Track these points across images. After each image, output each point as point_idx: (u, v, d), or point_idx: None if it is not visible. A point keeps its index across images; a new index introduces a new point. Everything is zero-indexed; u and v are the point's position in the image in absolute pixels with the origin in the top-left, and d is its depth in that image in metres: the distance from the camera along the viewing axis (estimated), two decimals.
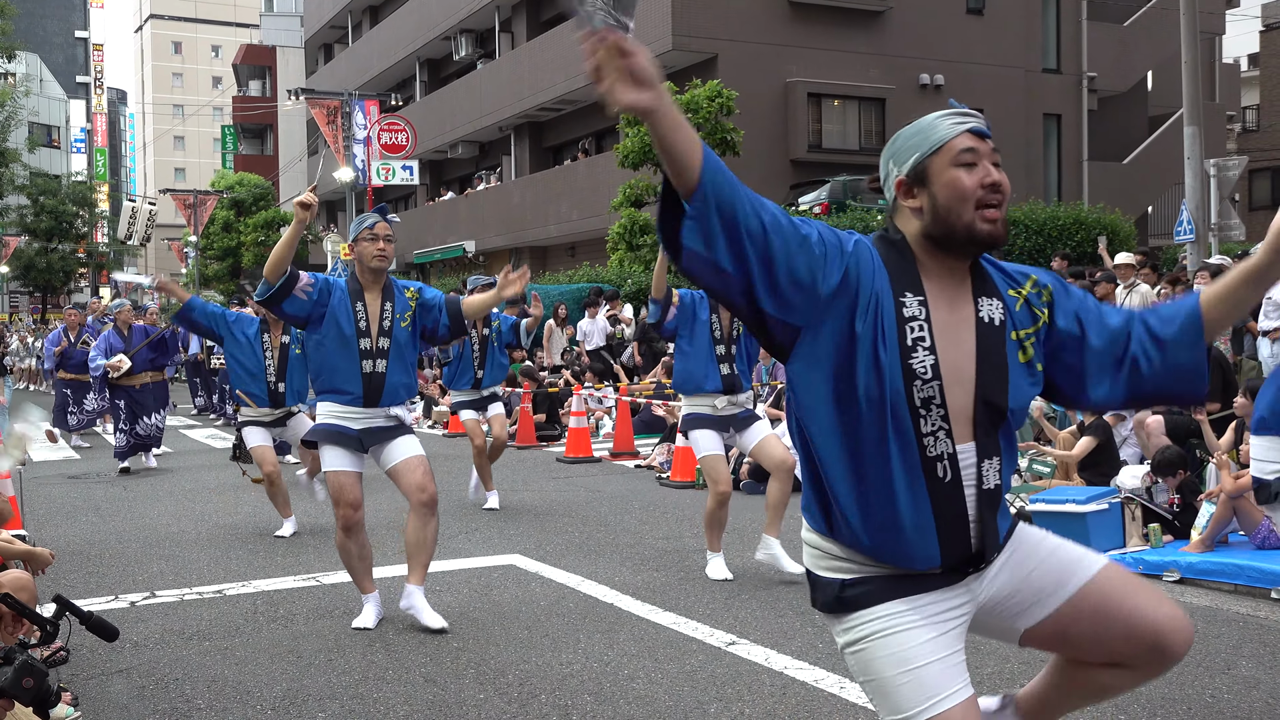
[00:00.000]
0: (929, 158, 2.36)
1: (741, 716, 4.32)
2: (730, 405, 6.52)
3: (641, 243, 21.51)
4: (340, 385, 5.46)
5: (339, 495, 5.45)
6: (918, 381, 2.29)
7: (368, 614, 5.66)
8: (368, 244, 5.47)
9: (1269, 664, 4.97)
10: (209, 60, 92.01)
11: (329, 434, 5.47)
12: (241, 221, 46.45)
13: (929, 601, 2.41)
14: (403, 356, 5.55)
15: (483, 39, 35.02)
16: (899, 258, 2.37)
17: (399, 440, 5.52)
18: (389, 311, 5.53)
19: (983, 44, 26.84)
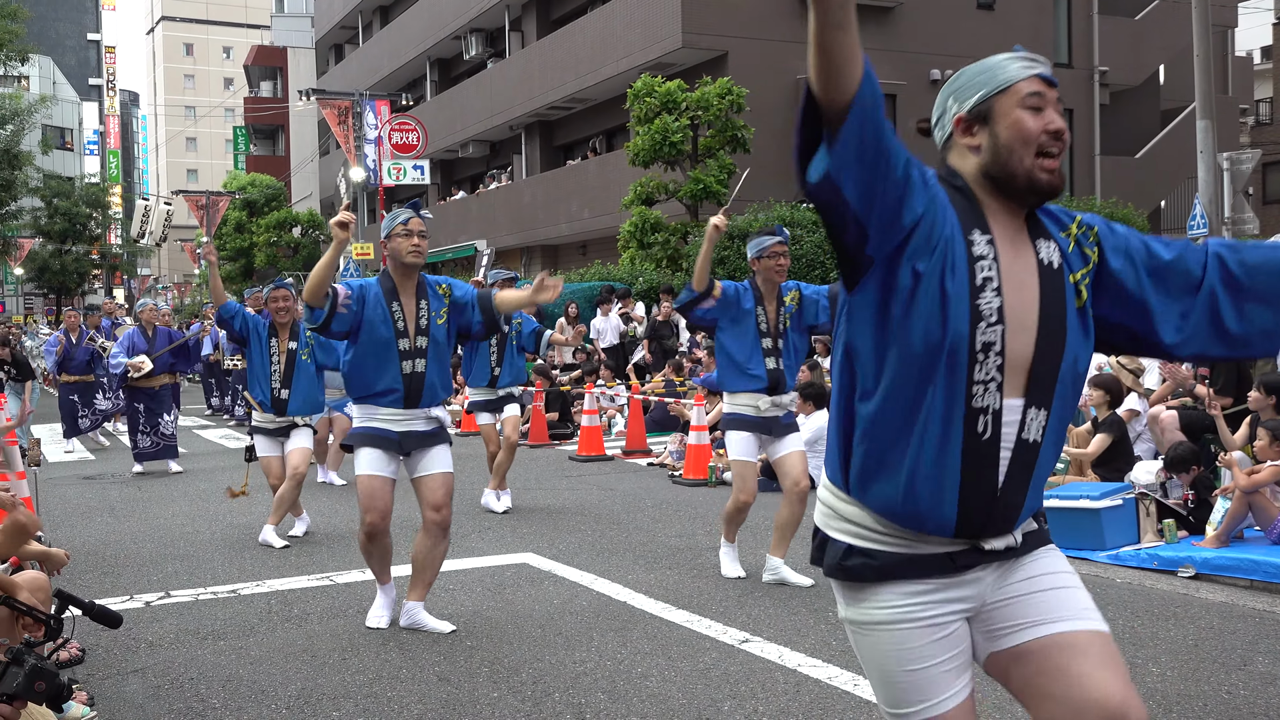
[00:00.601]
0: (995, 96, 2.30)
1: (755, 714, 4.31)
2: (774, 406, 6.31)
3: (652, 240, 21.51)
4: (380, 387, 5.34)
5: (369, 501, 5.35)
6: (982, 324, 2.17)
7: (378, 607, 5.66)
8: (402, 240, 5.34)
9: None
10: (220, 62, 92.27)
11: (368, 436, 5.36)
12: (254, 222, 46.56)
13: (935, 594, 2.29)
14: (441, 355, 5.45)
15: (493, 38, 35.03)
16: (963, 196, 2.29)
17: (435, 451, 5.42)
18: (425, 310, 5.42)
19: (993, 38, 26.72)
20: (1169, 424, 8.79)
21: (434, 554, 5.46)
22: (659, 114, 20.93)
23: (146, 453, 12.14)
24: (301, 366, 8.06)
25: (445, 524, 5.40)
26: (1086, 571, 6.78)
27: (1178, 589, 6.33)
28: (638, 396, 13.82)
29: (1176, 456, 7.65)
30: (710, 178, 20.92)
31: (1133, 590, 6.32)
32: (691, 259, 19.54)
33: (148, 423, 12.10)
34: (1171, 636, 5.35)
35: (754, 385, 6.26)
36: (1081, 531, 7.16)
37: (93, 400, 14.70)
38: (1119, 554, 6.99)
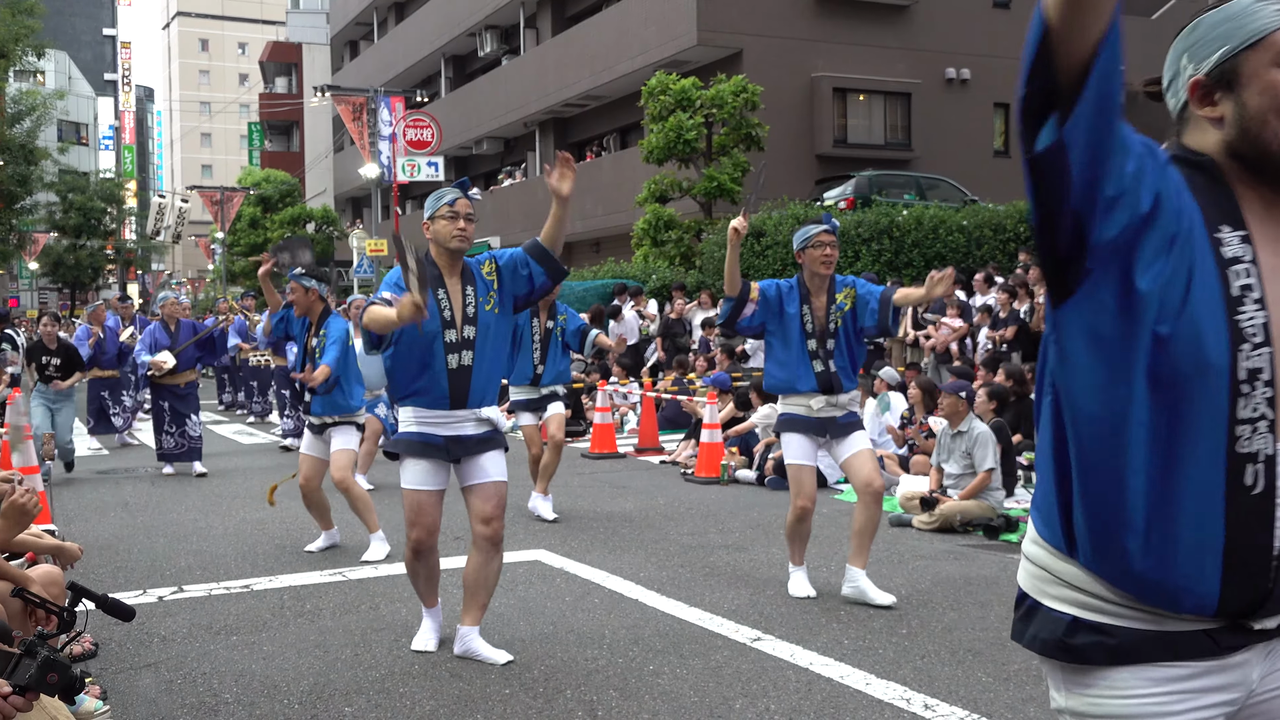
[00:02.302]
0: (1242, 52, 1.76)
1: (766, 712, 4.31)
2: (828, 406, 5.91)
3: (665, 238, 21.50)
4: (423, 386, 4.85)
5: (415, 516, 4.90)
6: (1245, 345, 1.68)
7: (426, 631, 5.21)
8: (446, 223, 4.86)
9: None
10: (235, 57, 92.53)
11: (412, 445, 4.88)
12: (268, 218, 46.69)
13: (1191, 681, 1.75)
14: (490, 345, 4.91)
15: (507, 35, 35.06)
16: (1209, 182, 1.78)
17: (487, 458, 4.93)
18: (471, 296, 4.90)
19: (1009, 37, 26.67)
20: None
21: (486, 572, 4.97)
22: (673, 111, 20.92)
23: (173, 453, 11.64)
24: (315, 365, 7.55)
25: (497, 538, 4.94)
26: None
27: None
28: (650, 394, 13.82)
29: None
30: (724, 175, 20.90)
31: None
32: (705, 256, 19.52)
33: (173, 422, 11.61)
34: None
35: (802, 389, 5.92)
36: None
37: (121, 398, 14.31)
38: None
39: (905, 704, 4.38)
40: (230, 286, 46.82)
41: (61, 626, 3.24)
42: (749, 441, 11.18)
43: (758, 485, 10.39)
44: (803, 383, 5.90)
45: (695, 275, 19.71)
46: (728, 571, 6.79)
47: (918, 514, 8.25)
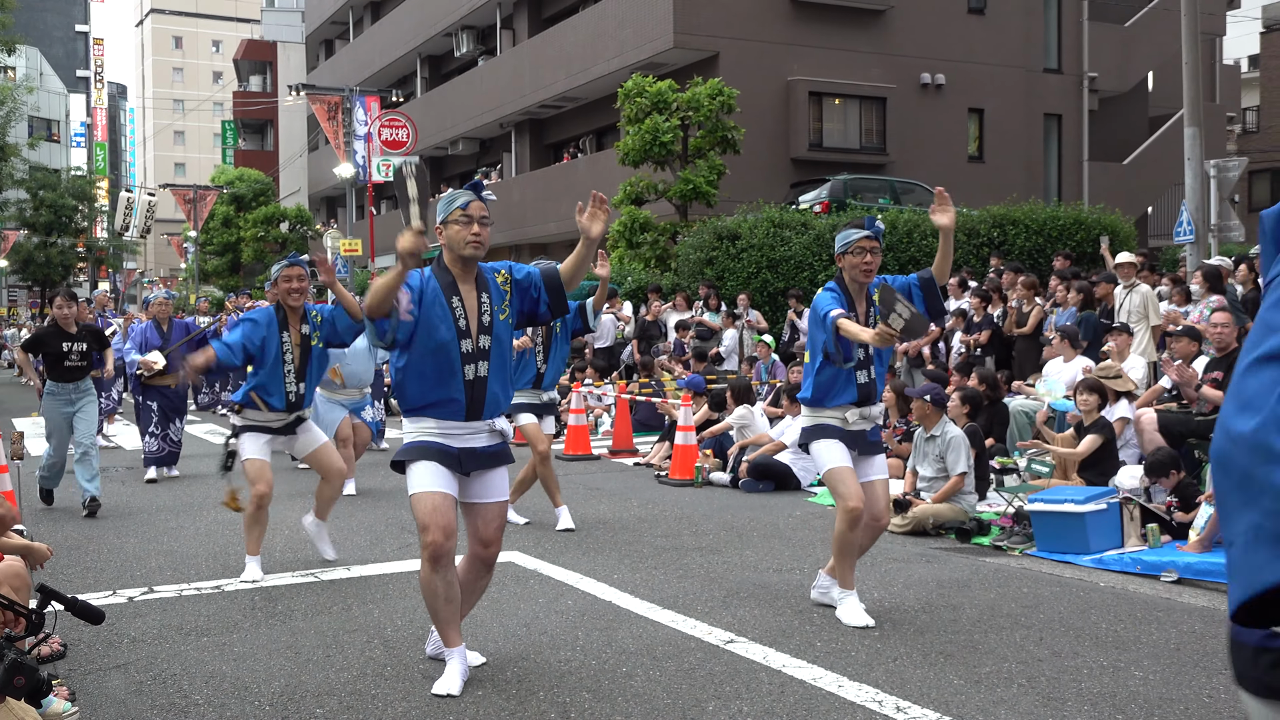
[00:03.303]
0: None
1: (739, 714, 4.32)
2: (861, 420, 5.72)
3: (641, 240, 21.51)
4: (439, 397, 4.59)
5: (429, 518, 4.49)
6: None
7: (452, 674, 4.61)
8: (460, 227, 4.60)
9: None
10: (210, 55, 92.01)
11: (426, 449, 4.58)
12: (241, 217, 46.44)
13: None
14: (504, 356, 4.74)
15: (484, 35, 35.00)
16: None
17: (494, 475, 4.72)
18: (487, 304, 4.67)
19: (984, 43, 26.83)
20: (1148, 426, 8.83)
21: (475, 587, 4.81)
22: (649, 114, 20.94)
23: (155, 456, 11.27)
24: (315, 354, 6.94)
25: (492, 561, 4.75)
26: (1071, 575, 6.81)
27: (1160, 593, 6.36)
28: (625, 396, 13.82)
29: (1156, 461, 7.70)
30: (700, 178, 20.94)
31: (1116, 594, 6.34)
32: (680, 259, 19.52)
33: (160, 424, 11.24)
34: (1154, 640, 5.37)
35: (842, 399, 5.69)
36: (1066, 535, 7.19)
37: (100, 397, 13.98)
38: (1103, 558, 7.02)
39: (877, 706, 4.40)
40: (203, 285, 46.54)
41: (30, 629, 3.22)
42: (723, 444, 11.20)
43: (731, 488, 10.41)
44: (844, 395, 5.67)
45: (670, 278, 19.72)
46: (701, 574, 6.80)
47: (891, 516, 8.28)
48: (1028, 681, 4.71)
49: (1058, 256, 14.93)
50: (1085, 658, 5.06)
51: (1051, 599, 6.22)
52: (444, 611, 4.62)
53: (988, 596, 6.26)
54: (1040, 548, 7.38)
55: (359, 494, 9.88)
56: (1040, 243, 18.31)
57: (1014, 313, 12.74)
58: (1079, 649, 5.21)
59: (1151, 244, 26.76)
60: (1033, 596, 6.27)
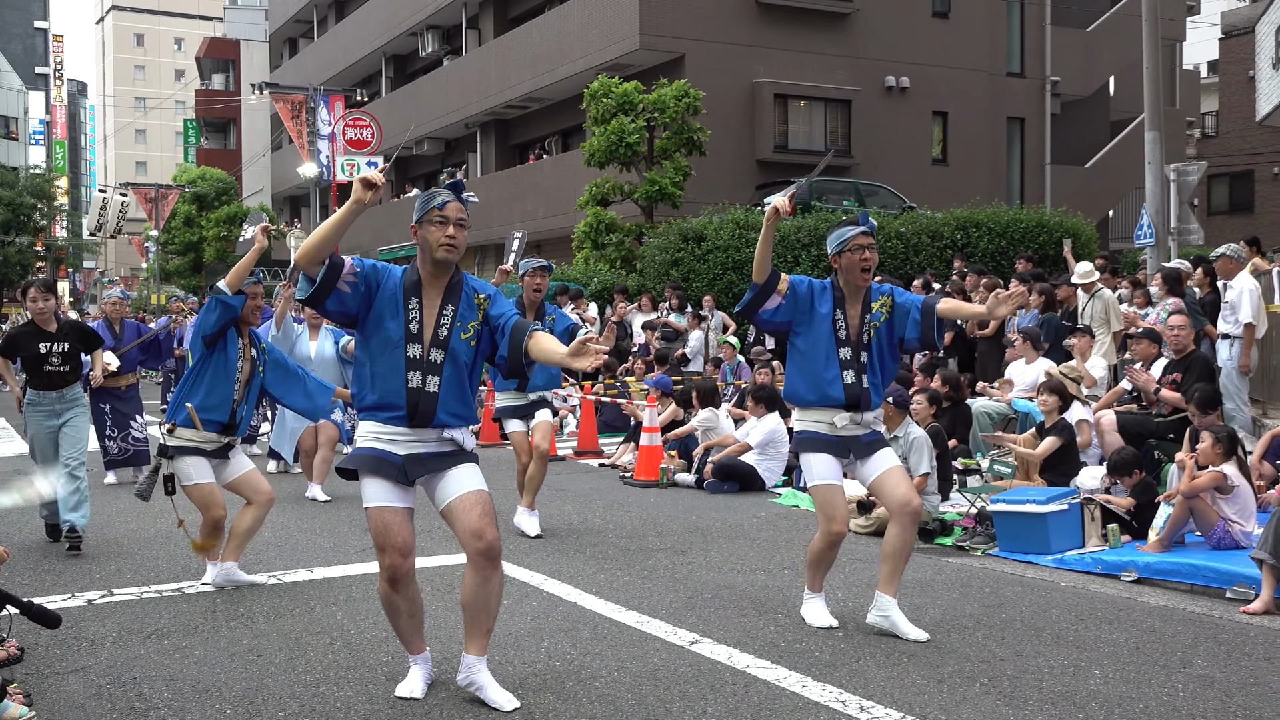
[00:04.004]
0: None
1: (703, 715, 4.32)
2: (852, 425, 5.44)
3: (607, 241, 21.51)
4: (381, 399, 4.35)
5: (383, 538, 4.32)
6: None
7: (414, 679, 4.56)
8: (435, 228, 4.33)
9: (1223, 662, 5.03)
10: (172, 53, 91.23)
11: (368, 461, 4.36)
12: (203, 216, 46.10)
13: None
14: (460, 377, 4.41)
15: (449, 35, 34.89)
16: None
17: (456, 471, 4.41)
18: (448, 317, 4.39)
19: (948, 47, 27.01)
20: (1107, 427, 8.93)
21: (486, 592, 4.38)
22: (615, 115, 20.94)
23: (117, 459, 10.96)
24: (257, 380, 6.69)
25: (493, 552, 4.32)
26: (1032, 575, 6.86)
27: (1120, 593, 6.42)
28: (590, 397, 13.81)
29: (1119, 460, 7.77)
30: (666, 179, 20.95)
31: (1077, 594, 6.40)
32: (646, 260, 19.53)
33: (115, 425, 10.93)
34: (1114, 639, 5.42)
35: (827, 402, 5.43)
36: (1028, 535, 7.24)
37: None
38: (1064, 558, 7.08)
39: (841, 706, 4.41)
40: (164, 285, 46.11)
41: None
42: (688, 445, 11.21)
43: (696, 489, 10.42)
44: (829, 394, 5.41)
45: (636, 279, 19.72)
46: (666, 574, 6.80)
47: (854, 517, 8.32)
48: (990, 681, 4.74)
49: (1020, 259, 15.05)
50: (1046, 657, 5.11)
51: (1013, 599, 6.26)
52: (406, 627, 4.51)
53: (950, 596, 6.30)
54: (1002, 548, 7.43)
55: (337, 501, 9.77)
56: (1003, 245, 18.45)
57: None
58: (1040, 648, 5.25)
59: (1113, 247, 27.04)
60: (995, 596, 6.32)
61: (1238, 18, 37.18)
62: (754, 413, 10.69)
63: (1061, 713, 4.36)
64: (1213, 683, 4.74)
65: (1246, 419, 10.11)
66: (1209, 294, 11.42)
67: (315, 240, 4.20)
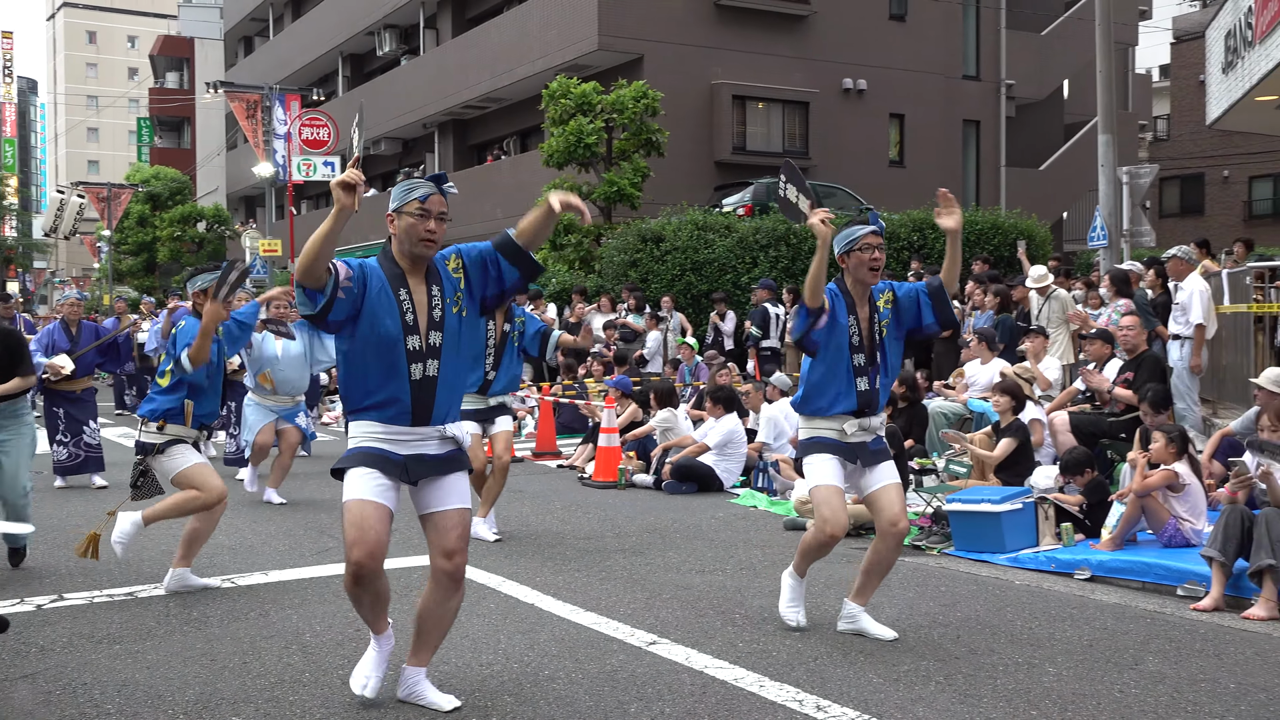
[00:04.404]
0: None
1: (661, 716, 4.32)
2: (861, 431, 5.36)
3: (565, 242, 21.47)
4: (381, 397, 4.23)
5: (358, 532, 4.14)
6: None
7: (367, 665, 4.50)
8: (415, 221, 4.23)
9: (1174, 659, 5.10)
10: (125, 51, 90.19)
11: (366, 456, 4.23)
12: (157, 216, 45.54)
13: None
14: (458, 353, 4.37)
15: (407, 35, 34.71)
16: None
17: (449, 481, 4.34)
18: (437, 297, 4.31)
19: (904, 50, 27.20)
20: (1060, 427, 9.03)
21: (443, 611, 4.38)
22: (574, 115, 20.91)
23: (67, 465, 10.71)
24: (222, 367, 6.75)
25: (459, 575, 4.31)
26: (987, 574, 6.92)
27: (1074, 591, 6.49)
28: (548, 398, 13.78)
29: (1071, 460, 7.86)
30: (624, 180, 20.95)
31: (1031, 592, 6.46)
32: (604, 261, 19.52)
33: (68, 430, 10.66)
34: (1067, 637, 5.48)
35: (839, 409, 5.35)
36: (983, 535, 7.30)
37: None
38: (1018, 557, 7.15)
39: (798, 705, 4.43)
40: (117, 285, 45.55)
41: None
42: (646, 446, 11.21)
43: (655, 489, 10.43)
44: (842, 403, 5.34)
45: (595, 279, 19.71)
46: (624, 575, 6.80)
47: (812, 518, 8.34)
48: (945, 679, 4.77)
49: (976, 260, 15.17)
50: (1001, 654, 5.15)
51: (969, 597, 6.32)
52: (369, 611, 4.42)
53: (906, 595, 6.34)
54: (958, 547, 7.49)
55: (292, 505, 9.66)
56: None
57: None
58: (995, 646, 5.29)
59: (1067, 248, 27.34)
60: (950, 595, 6.37)
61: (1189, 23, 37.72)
62: (712, 413, 10.71)
63: (1015, 710, 4.40)
64: (1164, 679, 4.80)
65: (1197, 418, 10.26)
66: (1160, 295, 11.57)
67: (311, 255, 4.04)
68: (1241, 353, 11.16)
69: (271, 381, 9.70)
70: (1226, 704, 4.49)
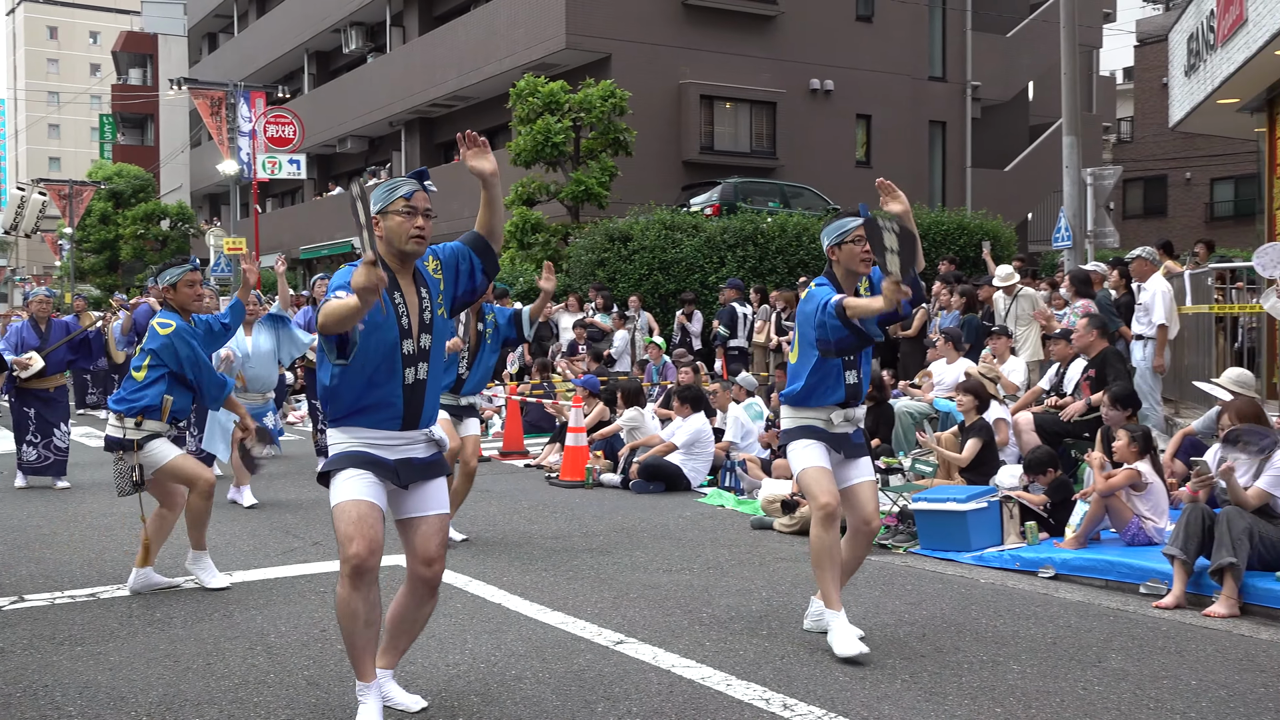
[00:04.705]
0: None
1: (628, 715, 4.32)
2: (845, 422, 5.32)
3: (533, 241, 21.44)
4: (375, 403, 4.11)
5: (355, 529, 3.99)
6: None
7: (371, 713, 4.14)
8: (402, 219, 4.15)
9: (1137, 656, 5.14)
10: (86, 46, 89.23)
11: (356, 458, 4.10)
12: (120, 214, 45.11)
13: None
14: (441, 355, 4.34)
15: (373, 32, 34.54)
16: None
17: (433, 487, 4.25)
18: (426, 300, 4.24)
19: (871, 51, 27.32)
20: (1025, 426, 9.10)
21: (416, 616, 4.31)
22: (541, 114, 20.88)
23: (33, 466, 10.49)
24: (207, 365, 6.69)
25: (436, 581, 4.24)
26: (953, 572, 6.96)
27: (1038, 589, 6.54)
28: (515, 397, 13.75)
29: (1034, 459, 7.92)
30: (592, 179, 20.94)
31: (995, 590, 6.50)
32: (572, 260, 19.50)
33: (39, 431, 10.50)
34: (1031, 635, 5.52)
35: (827, 400, 5.29)
36: (948, 533, 7.34)
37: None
38: (983, 555, 7.19)
39: (764, 704, 4.44)
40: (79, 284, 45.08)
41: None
42: (614, 445, 11.21)
43: (622, 489, 10.42)
44: (831, 395, 5.26)
45: (562, 279, 19.68)
46: (591, 575, 6.80)
47: (779, 516, 8.39)
48: (910, 677, 4.80)
49: (942, 261, 15.27)
50: (966, 652, 5.18)
51: (934, 596, 6.35)
52: (362, 637, 4.10)
53: (872, 594, 6.37)
54: (924, 545, 7.53)
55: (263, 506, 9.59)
56: (925, 247, 18.57)
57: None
58: (960, 644, 5.33)
59: (1031, 249, 27.55)
60: (916, 593, 6.40)
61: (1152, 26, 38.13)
62: (679, 413, 10.71)
63: (980, 707, 4.43)
64: (1126, 676, 4.84)
65: (1159, 418, 10.36)
66: (1124, 295, 11.67)
67: (337, 322, 3.88)
68: (1203, 353, 11.28)
69: (243, 379, 9.63)
70: (1188, 700, 4.53)
